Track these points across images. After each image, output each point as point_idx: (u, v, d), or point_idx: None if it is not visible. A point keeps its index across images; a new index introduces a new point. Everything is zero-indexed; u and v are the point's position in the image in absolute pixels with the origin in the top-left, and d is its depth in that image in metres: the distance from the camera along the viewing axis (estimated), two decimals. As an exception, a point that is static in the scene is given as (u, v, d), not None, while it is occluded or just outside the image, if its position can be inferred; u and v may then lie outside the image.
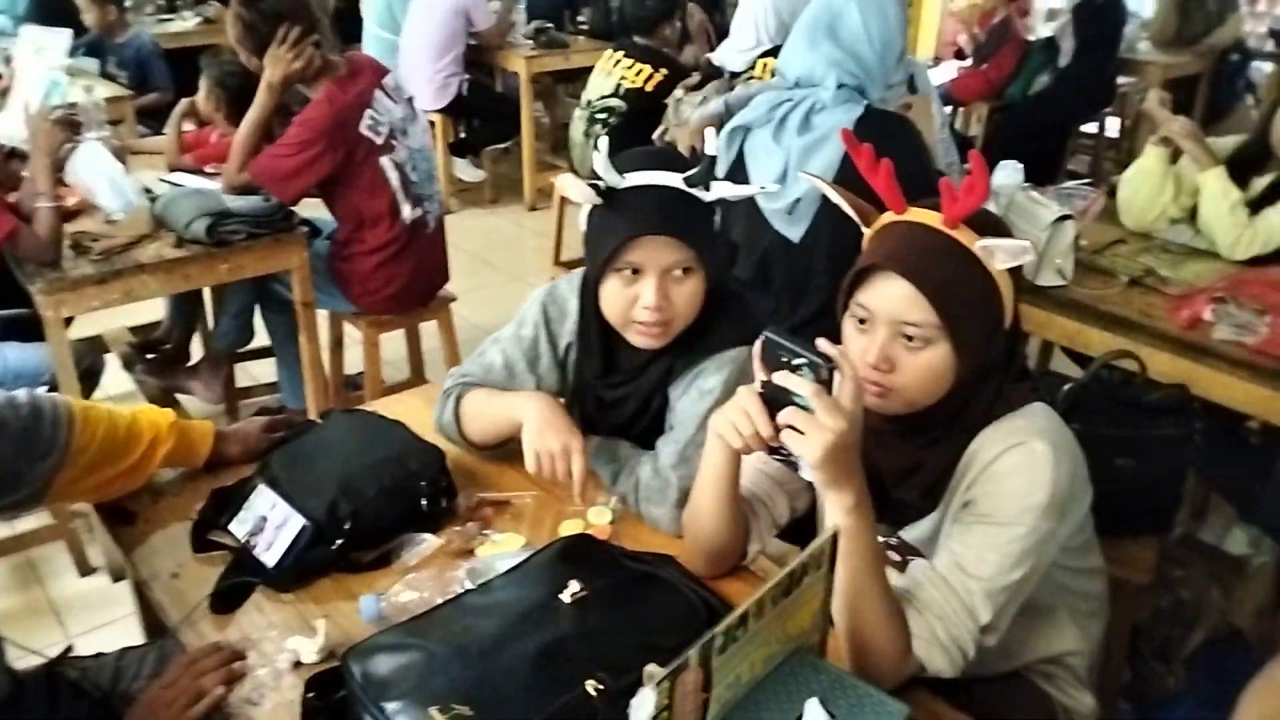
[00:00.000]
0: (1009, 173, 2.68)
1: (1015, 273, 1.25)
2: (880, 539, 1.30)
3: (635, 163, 1.47)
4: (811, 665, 1.10)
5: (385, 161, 2.84)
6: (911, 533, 1.35)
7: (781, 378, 1.10)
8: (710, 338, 1.54)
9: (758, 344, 1.15)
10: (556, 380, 1.68)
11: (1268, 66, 5.50)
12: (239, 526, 1.45)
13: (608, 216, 1.45)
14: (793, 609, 1.07)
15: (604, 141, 1.44)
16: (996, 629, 1.22)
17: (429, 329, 3.28)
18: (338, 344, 3.22)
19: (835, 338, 2.28)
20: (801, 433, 1.08)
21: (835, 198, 1.32)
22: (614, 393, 1.63)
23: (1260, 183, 2.52)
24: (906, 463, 1.32)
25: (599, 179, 1.45)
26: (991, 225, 1.24)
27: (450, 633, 1.12)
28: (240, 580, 1.38)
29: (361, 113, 2.77)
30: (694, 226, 1.46)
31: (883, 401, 1.25)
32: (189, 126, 3.31)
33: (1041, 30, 5.84)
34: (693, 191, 1.45)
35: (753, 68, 3.50)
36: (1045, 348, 3.24)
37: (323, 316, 3.14)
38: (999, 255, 1.21)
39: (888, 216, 1.28)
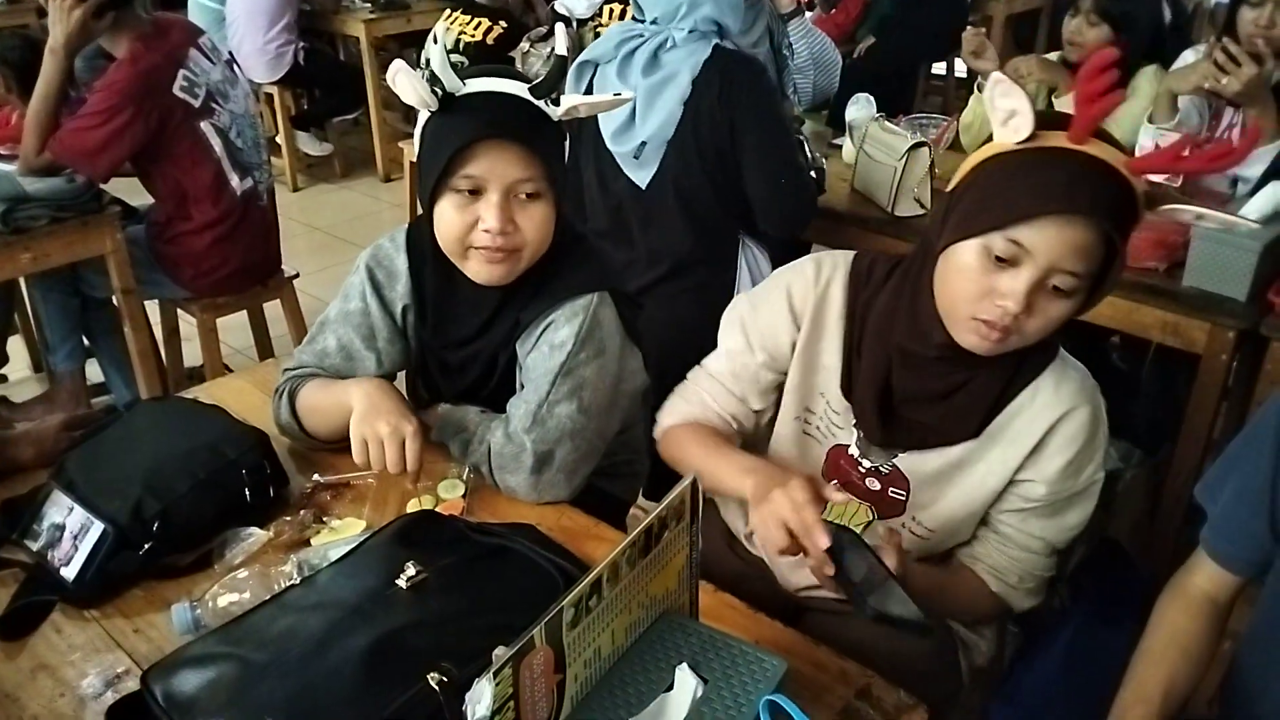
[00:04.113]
0: (861, 105, 2.65)
1: None
2: (870, 463, 1.31)
3: (476, 73, 1.31)
4: (681, 628, 1.00)
5: (206, 127, 2.60)
6: (935, 458, 1.27)
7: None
8: (557, 284, 1.40)
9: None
10: (399, 352, 1.51)
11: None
12: (32, 539, 1.26)
13: (445, 123, 1.29)
14: (655, 569, 0.97)
15: (441, 28, 1.28)
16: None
17: (274, 312, 3.06)
18: (173, 334, 2.97)
19: (700, 302, 2.18)
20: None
21: None
22: (458, 354, 1.48)
23: None
24: (936, 388, 1.24)
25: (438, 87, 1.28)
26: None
27: (268, 637, 0.98)
28: (34, 600, 1.20)
29: (174, 72, 2.52)
30: (542, 139, 1.30)
31: (999, 346, 1.14)
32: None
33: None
34: (540, 105, 1.31)
35: (599, 14, 3.35)
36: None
37: (152, 307, 2.90)
38: (1187, 216, 1.10)
39: (1057, 138, 1.09)
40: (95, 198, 2.48)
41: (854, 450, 1.32)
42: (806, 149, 2.33)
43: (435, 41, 1.23)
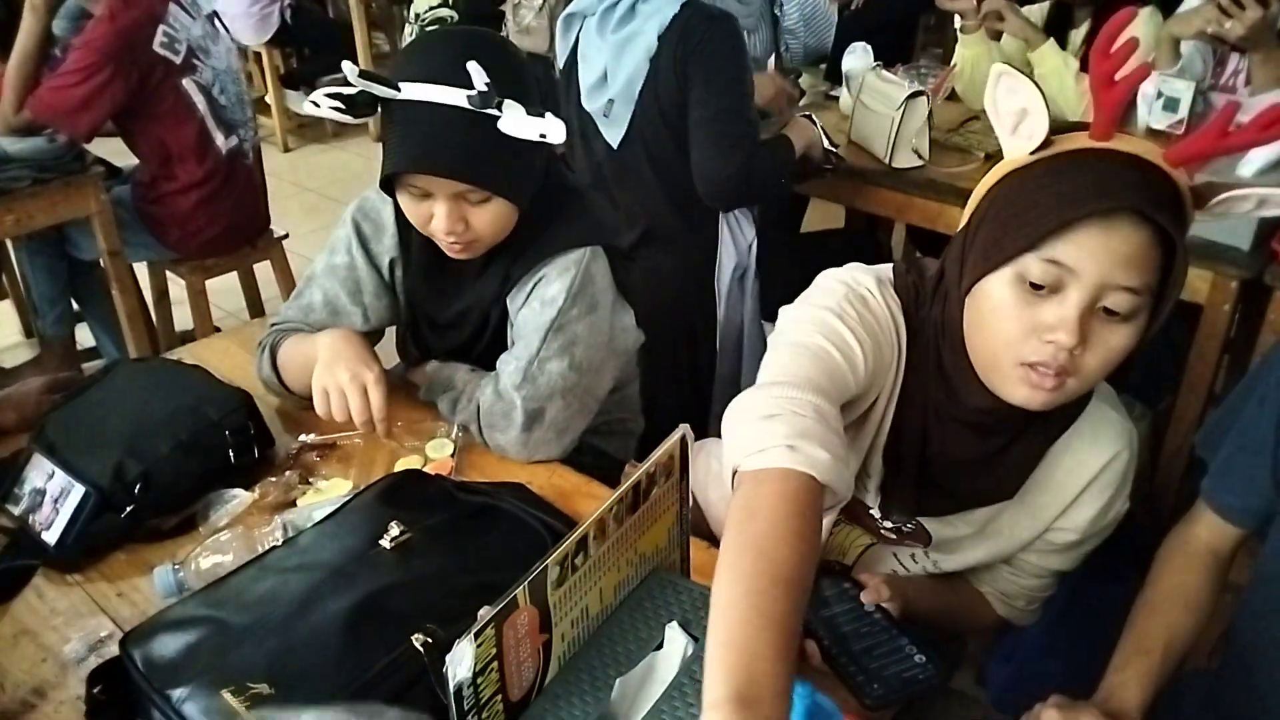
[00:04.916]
0: (858, 54, 2.59)
1: None
2: (891, 524, 1.18)
3: (418, 68, 1.20)
4: (671, 585, 0.97)
5: (188, 84, 2.55)
6: (962, 520, 1.15)
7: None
8: (547, 238, 1.37)
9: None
10: (386, 308, 1.49)
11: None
12: (14, 503, 1.24)
13: (388, 127, 1.23)
14: (644, 525, 0.94)
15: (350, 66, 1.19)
16: None
17: (266, 275, 3.02)
18: (162, 296, 2.94)
19: (680, 271, 2.03)
20: None
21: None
22: (448, 311, 1.45)
23: (1076, 39, 2.53)
24: (978, 454, 1.07)
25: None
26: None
27: (250, 599, 0.95)
28: (16, 564, 1.18)
29: (154, 28, 2.47)
30: (480, 160, 1.21)
31: (1053, 395, 0.94)
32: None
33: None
34: (487, 112, 1.19)
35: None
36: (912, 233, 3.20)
37: (142, 270, 2.87)
38: (1247, 205, 0.89)
39: (1078, 139, 0.92)
40: (78, 158, 2.43)
41: (875, 511, 1.18)
42: (824, 140, 2.19)
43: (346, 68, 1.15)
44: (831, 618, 1.04)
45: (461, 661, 0.74)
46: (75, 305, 2.92)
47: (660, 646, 0.91)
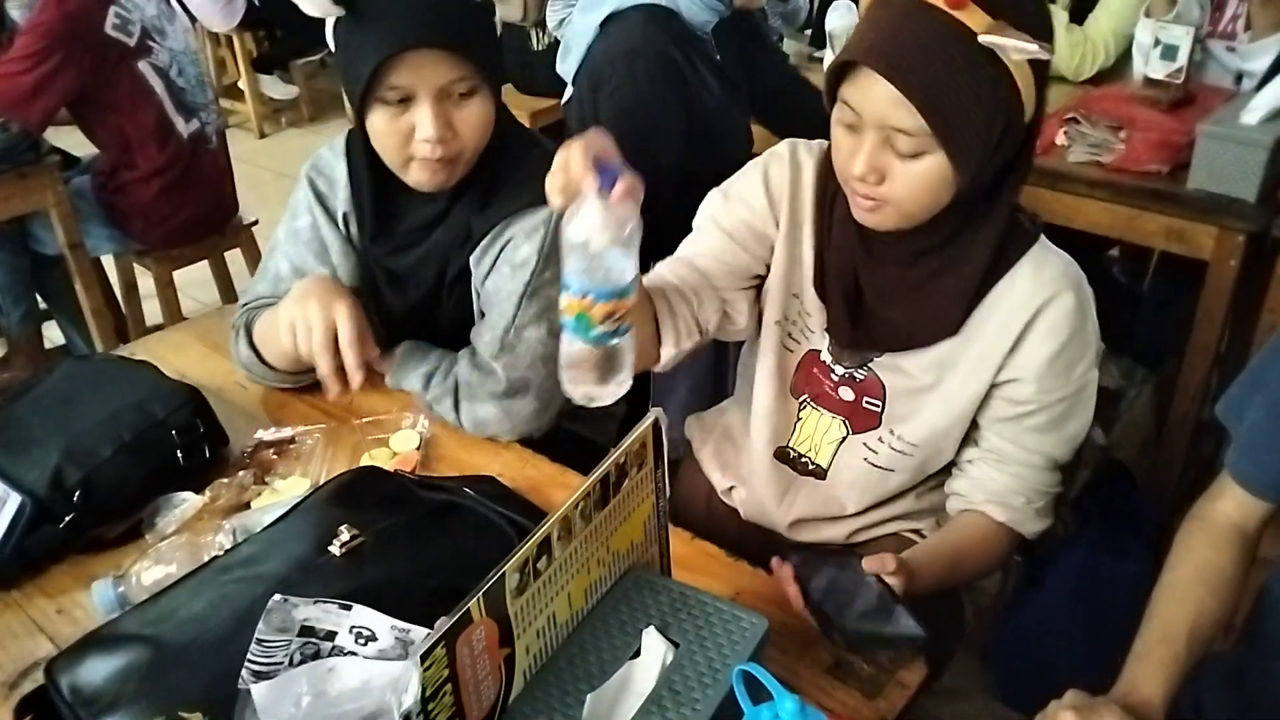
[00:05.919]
0: (842, 13, 2.50)
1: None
2: (842, 369, 1.21)
3: None
4: (649, 585, 0.89)
5: (144, 67, 2.44)
6: (911, 362, 1.16)
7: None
8: (510, 191, 1.29)
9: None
10: (356, 265, 1.41)
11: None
12: (-53, 516, 1.16)
13: (358, 31, 1.16)
14: (616, 520, 0.86)
15: None
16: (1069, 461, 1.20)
17: (238, 264, 2.92)
18: (131, 289, 2.84)
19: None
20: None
21: None
22: (404, 259, 1.36)
23: None
24: (906, 281, 1.13)
25: None
26: (1012, 4, 0.97)
27: (188, 615, 0.87)
28: (-52, 582, 1.09)
29: (104, 10, 2.36)
30: (468, 32, 1.17)
31: (876, 216, 1.07)
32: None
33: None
34: None
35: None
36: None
37: (111, 263, 2.77)
38: (1009, 52, 0.95)
39: None
40: (32, 148, 2.33)
41: (826, 356, 1.21)
42: None
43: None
44: (830, 581, 0.98)
45: (406, 688, 0.65)
46: (43, 302, 2.82)
47: (637, 655, 0.83)
